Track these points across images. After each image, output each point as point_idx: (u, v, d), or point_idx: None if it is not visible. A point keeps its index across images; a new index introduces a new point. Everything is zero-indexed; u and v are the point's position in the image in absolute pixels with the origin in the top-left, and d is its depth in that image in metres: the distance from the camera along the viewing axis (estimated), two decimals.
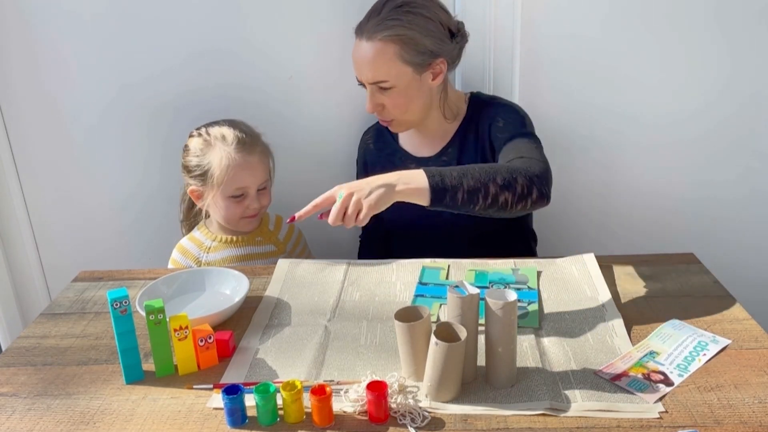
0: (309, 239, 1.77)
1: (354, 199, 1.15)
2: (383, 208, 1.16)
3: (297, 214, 1.18)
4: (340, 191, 1.16)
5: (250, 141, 1.56)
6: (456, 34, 1.46)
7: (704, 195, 1.86)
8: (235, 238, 1.62)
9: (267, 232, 1.67)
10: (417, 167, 1.55)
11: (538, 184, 1.24)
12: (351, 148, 1.78)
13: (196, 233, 1.66)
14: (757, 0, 1.66)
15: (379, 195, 1.15)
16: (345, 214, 1.15)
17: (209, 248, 1.62)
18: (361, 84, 1.48)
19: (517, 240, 1.64)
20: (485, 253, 1.47)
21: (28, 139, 1.83)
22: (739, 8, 1.67)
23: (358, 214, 1.15)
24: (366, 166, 1.71)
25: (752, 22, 1.69)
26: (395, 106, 1.46)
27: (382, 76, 1.41)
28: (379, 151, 1.65)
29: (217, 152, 1.53)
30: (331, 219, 1.15)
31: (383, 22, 1.39)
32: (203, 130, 1.57)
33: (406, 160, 1.61)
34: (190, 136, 1.59)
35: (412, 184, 1.17)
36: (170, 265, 1.65)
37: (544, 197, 1.26)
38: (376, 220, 1.71)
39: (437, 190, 1.17)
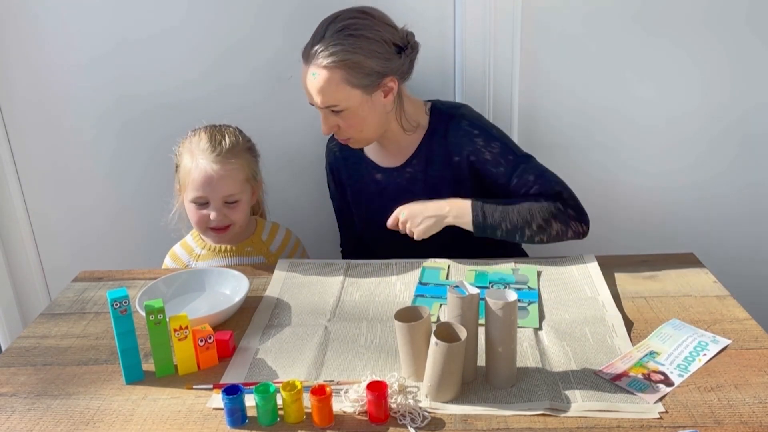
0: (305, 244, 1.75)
1: (408, 225, 1.43)
2: (431, 234, 1.42)
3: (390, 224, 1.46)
4: (401, 212, 1.44)
5: (222, 151, 1.47)
6: (405, 47, 1.43)
7: (704, 195, 1.86)
8: (223, 247, 1.58)
9: (258, 242, 1.61)
10: (383, 177, 1.59)
11: (574, 227, 1.43)
12: None
13: (189, 239, 1.63)
14: (749, 3, 1.67)
15: (427, 225, 1.42)
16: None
17: (199, 256, 1.58)
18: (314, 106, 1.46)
19: (493, 241, 1.64)
20: (461, 254, 1.47)
21: (28, 139, 1.84)
22: (732, 11, 1.68)
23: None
24: (333, 173, 1.69)
25: (745, 25, 1.69)
26: (350, 126, 1.45)
27: (332, 101, 1.40)
28: (345, 159, 1.64)
29: (188, 155, 1.50)
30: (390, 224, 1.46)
31: (327, 47, 1.37)
32: (195, 131, 1.54)
33: (372, 170, 1.60)
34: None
35: (460, 219, 1.42)
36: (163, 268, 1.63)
37: (580, 235, 1.45)
38: (351, 229, 1.73)
39: (479, 227, 1.42)
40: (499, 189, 1.48)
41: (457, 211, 1.42)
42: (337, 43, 1.36)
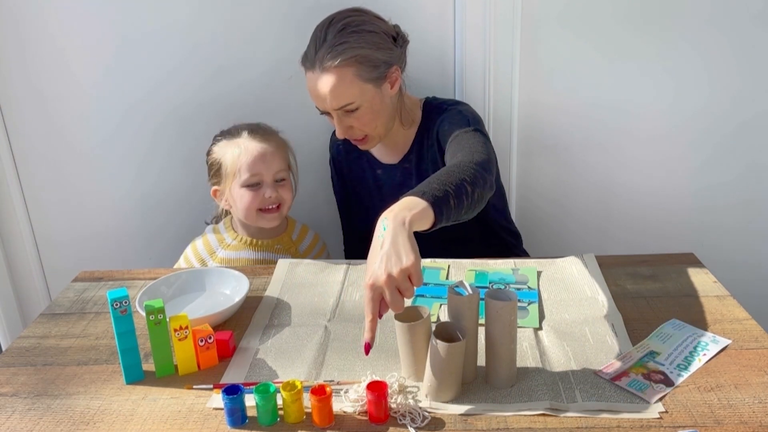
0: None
1: (395, 272, 0.96)
2: (419, 259, 0.98)
3: (367, 342, 0.99)
4: (371, 281, 0.98)
5: (264, 131, 1.57)
6: (397, 38, 1.46)
7: (704, 195, 1.86)
8: (255, 240, 1.61)
9: (288, 241, 1.64)
10: (383, 173, 1.61)
11: (485, 173, 1.18)
12: None
13: (221, 227, 1.66)
14: (755, 1, 1.67)
15: (405, 248, 0.98)
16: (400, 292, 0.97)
17: (228, 245, 1.62)
18: (324, 113, 1.48)
19: (491, 237, 1.64)
20: (460, 253, 1.47)
21: (28, 139, 1.83)
22: (738, 9, 1.68)
23: (410, 278, 0.97)
24: (336, 166, 1.72)
25: (751, 24, 1.69)
26: (364, 125, 1.46)
27: (346, 100, 1.41)
28: (347, 153, 1.67)
29: (232, 145, 1.55)
30: (395, 309, 0.98)
31: (333, 48, 1.38)
32: (226, 130, 1.60)
33: (373, 165, 1.62)
34: (213, 139, 1.61)
35: (416, 210, 1.03)
36: (188, 250, 1.65)
37: (493, 186, 1.20)
38: (353, 225, 1.74)
39: (435, 204, 1.05)
40: (445, 152, 1.39)
41: (406, 205, 1.04)
42: (342, 41, 1.38)
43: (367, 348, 0.99)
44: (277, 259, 1.58)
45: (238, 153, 1.53)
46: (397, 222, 1.00)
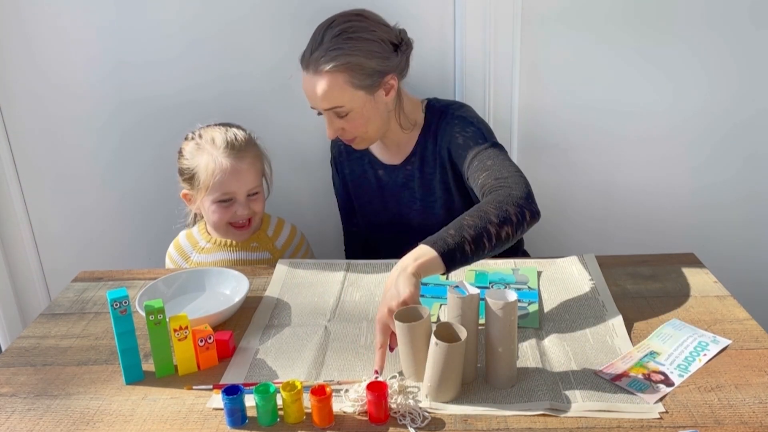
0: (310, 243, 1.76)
1: (394, 305, 1.07)
2: (417, 294, 1.09)
3: (378, 368, 1.09)
4: (378, 316, 1.10)
5: (240, 145, 1.50)
6: (399, 44, 1.45)
7: (704, 195, 1.86)
8: (230, 241, 1.58)
9: (264, 238, 1.61)
10: (385, 174, 1.61)
11: (527, 207, 1.23)
12: None
13: (194, 230, 1.64)
14: (752, 1, 1.67)
15: (404, 285, 1.09)
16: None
17: (203, 249, 1.60)
18: (317, 111, 1.48)
19: None
20: None
21: (28, 139, 1.83)
22: (735, 10, 1.68)
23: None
24: (337, 166, 1.72)
25: (749, 24, 1.69)
26: (355, 128, 1.46)
27: (337, 104, 1.41)
28: (348, 153, 1.67)
29: (206, 156, 1.49)
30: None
31: (327, 53, 1.38)
32: (197, 133, 1.55)
33: (375, 165, 1.62)
34: (185, 139, 1.57)
35: (422, 259, 1.12)
36: (166, 259, 1.65)
37: (536, 215, 1.25)
38: (354, 226, 1.74)
39: (446, 253, 1.13)
40: (465, 172, 1.44)
41: (416, 255, 1.14)
42: (336, 47, 1.37)
43: (376, 374, 1.08)
44: (254, 259, 1.58)
45: (212, 168, 1.47)
46: (401, 269, 1.12)
